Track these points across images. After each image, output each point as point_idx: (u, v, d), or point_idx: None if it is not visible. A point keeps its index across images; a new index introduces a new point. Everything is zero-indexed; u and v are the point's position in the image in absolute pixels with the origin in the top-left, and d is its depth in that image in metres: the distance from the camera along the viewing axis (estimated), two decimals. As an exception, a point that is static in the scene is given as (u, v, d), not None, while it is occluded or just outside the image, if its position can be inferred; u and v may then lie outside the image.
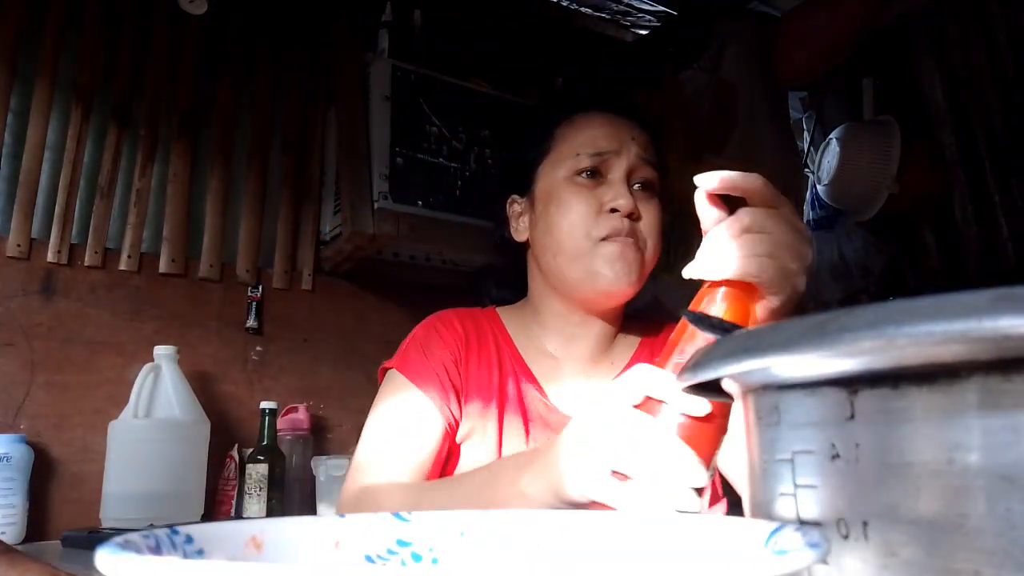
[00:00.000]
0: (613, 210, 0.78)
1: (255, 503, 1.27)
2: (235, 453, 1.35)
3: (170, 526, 0.25)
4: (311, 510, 1.31)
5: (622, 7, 1.67)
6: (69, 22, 1.35)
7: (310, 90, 1.58)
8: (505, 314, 0.88)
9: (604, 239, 0.77)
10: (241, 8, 1.53)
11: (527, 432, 0.78)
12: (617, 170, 0.80)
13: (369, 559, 0.29)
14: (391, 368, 0.83)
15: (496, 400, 0.79)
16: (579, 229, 0.79)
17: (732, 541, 0.25)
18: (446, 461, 0.79)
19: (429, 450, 0.76)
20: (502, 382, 0.81)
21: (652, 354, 0.83)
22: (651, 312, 0.97)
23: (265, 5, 1.56)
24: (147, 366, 1.25)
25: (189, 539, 0.25)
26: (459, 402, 0.80)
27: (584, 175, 0.81)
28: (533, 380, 0.82)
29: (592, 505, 0.49)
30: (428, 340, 0.83)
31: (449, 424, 0.78)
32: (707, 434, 0.45)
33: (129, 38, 1.41)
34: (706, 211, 0.53)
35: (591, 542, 0.30)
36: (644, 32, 1.77)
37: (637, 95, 1.64)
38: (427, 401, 0.78)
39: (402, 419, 0.77)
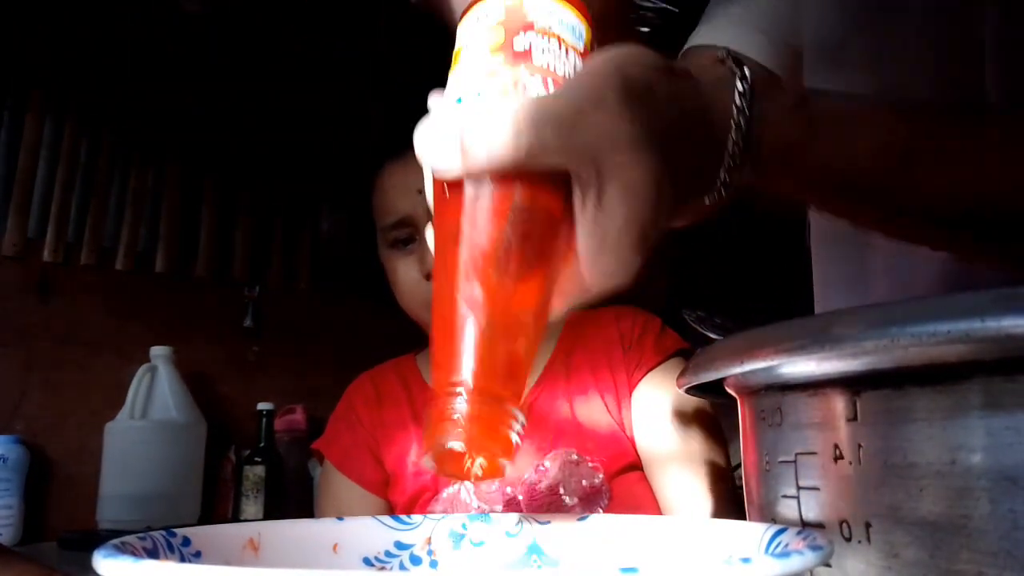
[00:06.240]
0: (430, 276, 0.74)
1: (252, 505, 1.27)
2: (232, 455, 1.35)
3: (167, 528, 0.25)
4: (308, 512, 1.31)
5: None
6: (66, 21, 1.35)
7: (309, 88, 1.58)
8: (423, 359, 0.88)
9: None
10: (238, 8, 1.52)
11: None
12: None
13: (367, 562, 0.29)
14: (326, 459, 0.85)
15: (417, 446, 0.79)
16: (409, 304, 0.78)
17: (734, 543, 0.25)
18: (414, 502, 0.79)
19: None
20: (421, 429, 0.81)
21: (567, 354, 0.80)
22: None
23: (262, 4, 1.55)
24: (143, 367, 1.25)
25: (186, 541, 0.25)
26: (386, 469, 0.82)
27: (399, 245, 0.78)
28: None
29: None
30: (349, 420, 0.85)
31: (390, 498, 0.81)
32: None
33: (126, 36, 1.40)
34: None
35: (590, 545, 0.30)
36: (646, 30, 1.77)
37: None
38: (366, 495, 0.81)
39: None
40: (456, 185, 0.25)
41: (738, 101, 0.29)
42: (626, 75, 0.25)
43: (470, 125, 0.24)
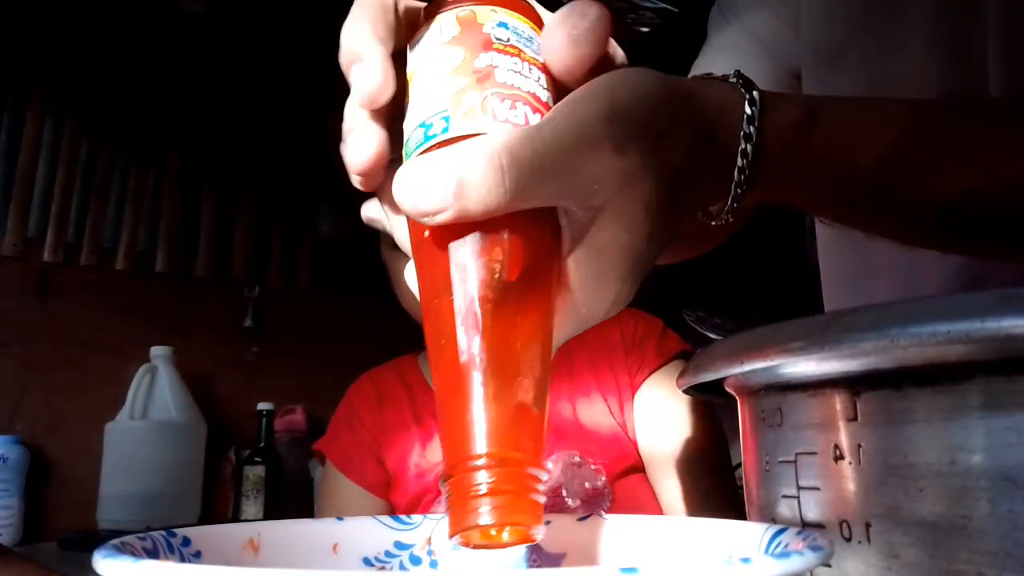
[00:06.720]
0: None
1: (252, 505, 1.27)
2: (232, 455, 1.35)
3: (167, 528, 0.25)
4: (308, 512, 1.31)
5: (623, 4, 1.67)
6: (66, 21, 1.35)
7: (310, 87, 1.58)
8: (424, 359, 0.89)
9: None
10: (239, 9, 1.52)
11: None
12: None
13: (367, 562, 0.29)
14: (327, 460, 0.86)
15: (419, 447, 0.80)
16: (412, 304, 0.78)
17: (734, 543, 0.25)
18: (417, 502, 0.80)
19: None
20: (422, 430, 0.81)
21: (568, 356, 0.81)
22: None
23: (262, 4, 1.55)
24: (143, 367, 1.25)
25: (186, 541, 0.25)
26: (388, 470, 0.83)
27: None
28: None
29: None
30: (351, 421, 0.86)
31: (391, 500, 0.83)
32: None
33: (126, 36, 1.40)
34: None
35: (590, 544, 0.30)
36: (646, 30, 1.76)
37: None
38: (367, 496, 0.82)
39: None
40: (442, 231, 0.24)
41: (746, 127, 0.28)
42: (617, 109, 0.24)
43: (459, 167, 0.22)
